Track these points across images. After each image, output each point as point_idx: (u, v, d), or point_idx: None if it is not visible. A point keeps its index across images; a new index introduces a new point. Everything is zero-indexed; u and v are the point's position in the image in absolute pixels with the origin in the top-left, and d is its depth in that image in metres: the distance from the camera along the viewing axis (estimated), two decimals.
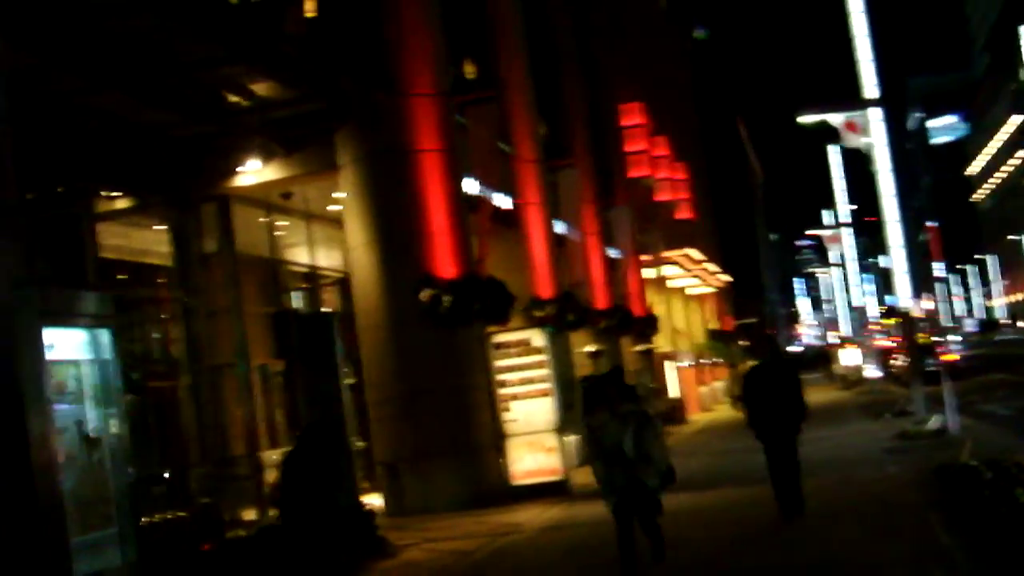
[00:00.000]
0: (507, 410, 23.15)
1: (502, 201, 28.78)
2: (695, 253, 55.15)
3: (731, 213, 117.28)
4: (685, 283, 60.69)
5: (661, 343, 51.05)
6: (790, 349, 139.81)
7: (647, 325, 45.99)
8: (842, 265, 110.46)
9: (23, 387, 11.03)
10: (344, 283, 26.87)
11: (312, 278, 28.55)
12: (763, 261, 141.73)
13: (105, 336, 13.15)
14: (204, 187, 24.26)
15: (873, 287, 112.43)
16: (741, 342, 76.96)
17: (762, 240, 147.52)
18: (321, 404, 17.83)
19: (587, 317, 31.83)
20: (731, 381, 61.23)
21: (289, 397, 25.89)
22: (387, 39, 23.02)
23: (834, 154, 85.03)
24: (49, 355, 11.73)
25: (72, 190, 22.15)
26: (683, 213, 64.13)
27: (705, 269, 61.24)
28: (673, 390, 47.30)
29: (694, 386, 54.34)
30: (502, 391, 23.20)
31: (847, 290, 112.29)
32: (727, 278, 75.31)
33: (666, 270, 52.62)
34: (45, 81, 18.24)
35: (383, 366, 23.01)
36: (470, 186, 25.72)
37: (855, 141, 29.02)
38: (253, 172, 23.82)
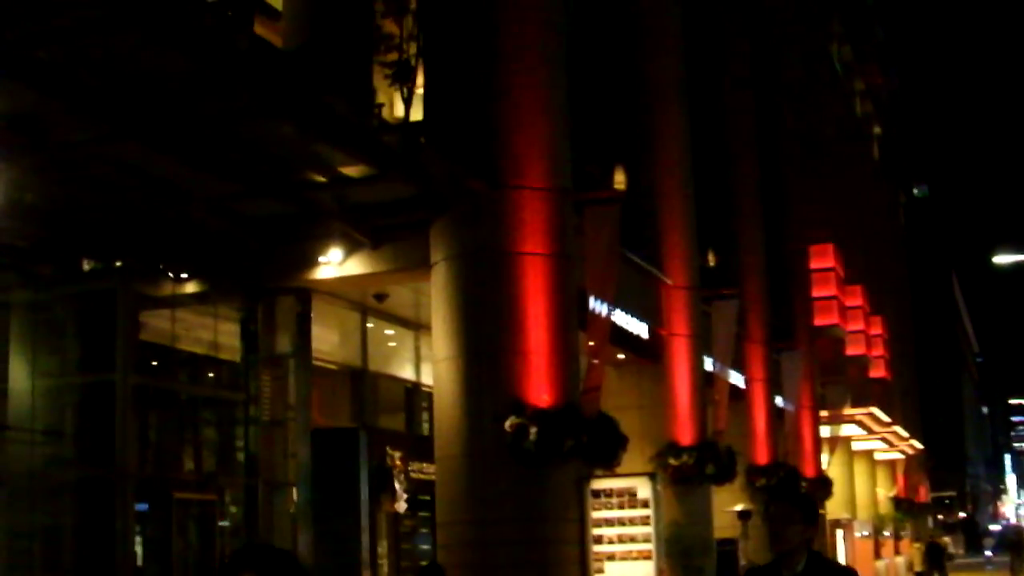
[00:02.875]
0: (600, 572, 19.12)
1: (635, 326, 25.04)
2: (881, 414, 50.24)
3: (937, 379, 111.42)
4: (871, 446, 55.60)
5: (835, 509, 46.26)
6: (991, 527, 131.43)
7: (819, 487, 41.35)
8: None
9: None
10: None
11: (413, 395, 25.13)
12: (969, 432, 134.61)
13: None
14: (279, 277, 21.07)
15: None
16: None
17: (970, 410, 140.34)
18: (332, 544, 14.12)
19: (729, 471, 27.61)
20: (915, 555, 56.02)
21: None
22: (493, 121, 19.55)
23: None
24: None
25: (116, 265, 19.26)
26: (877, 372, 59.44)
27: (895, 433, 56.09)
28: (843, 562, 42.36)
29: (870, 560, 49.18)
30: (596, 548, 19.19)
31: None
32: (918, 445, 69.58)
33: (848, 430, 47.79)
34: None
35: (455, 505, 19.19)
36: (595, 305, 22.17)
37: None
38: (335, 264, 20.54)
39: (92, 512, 18.34)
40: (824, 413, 43.89)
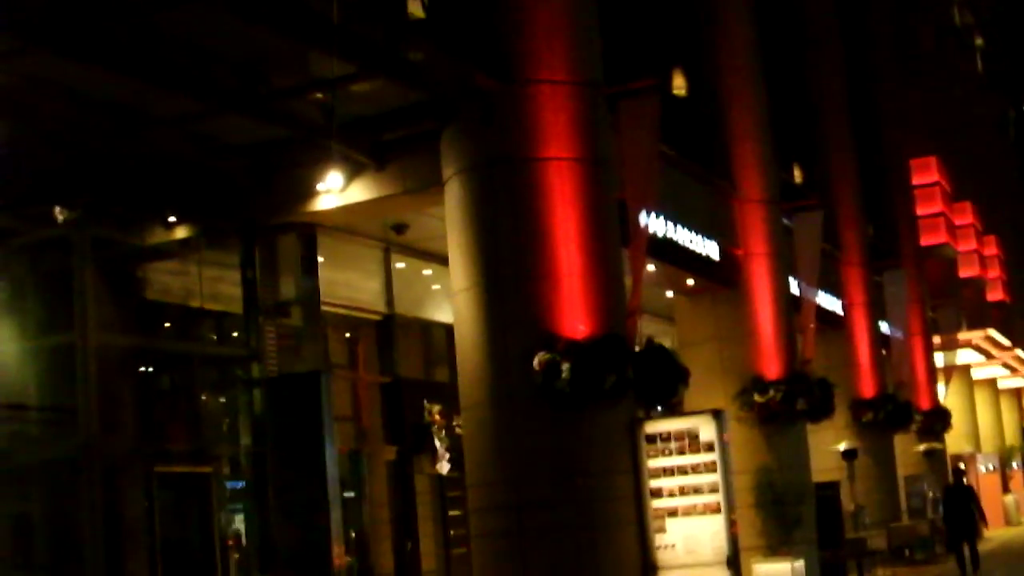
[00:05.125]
0: (661, 531, 16.00)
1: (704, 246, 21.85)
2: (1000, 336, 46.39)
3: None
4: (993, 373, 51.71)
5: (956, 442, 42.74)
6: None
7: (936, 420, 37.87)
8: None
9: None
10: None
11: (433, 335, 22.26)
12: None
13: None
14: (275, 212, 18.24)
15: None
16: None
17: None
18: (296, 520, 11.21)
19: (825, 406, 24.31)
20: None
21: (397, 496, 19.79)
22: (503, 4, 16.47)
23: None
24: None
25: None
26: (994, 294, 55.58)
27: (1017, 357, 52.13)
28: None
29: (997, 495, 45.47)
30: (655, 503, 16.08)
31: None
32: None
33: (966, 356, 44.00)
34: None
35: (484, 463, 16.20)
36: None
37: None
38: (337, 192, 17.67)
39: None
40: (937, 339, 40.23)
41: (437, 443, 20.17)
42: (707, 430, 15.93)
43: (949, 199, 45.83)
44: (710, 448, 15.92)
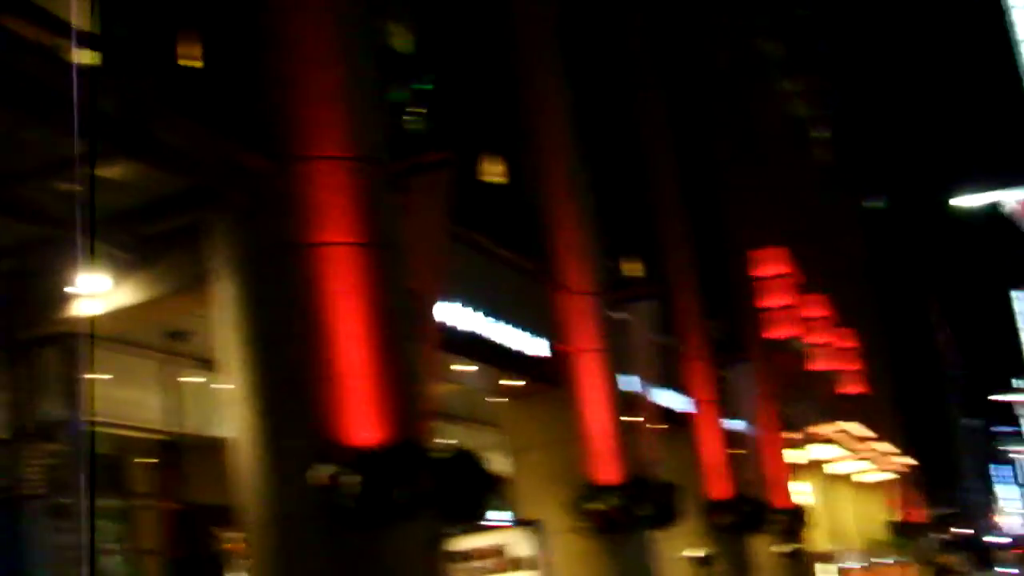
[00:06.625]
0: None
1: (528, 344, 20.15)
2: (857, 429, 45.16)
3: (919, 396, 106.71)
4: (851, 468, 50.44)
5: (817, 541, 41.23)
6: (988, 539, 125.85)
7: (793, 519, 36.32)
8: None
9: None
10: None
11: None
12: (958, 446, 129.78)
13: None
14: (34, 324, 16.13)
15: None
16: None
17: (957, 424, 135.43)
18: None
19: (669, 511, 22.57)
20: None
21: None
22: (270, 77, 14.68)
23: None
24: None
25: None
26: (853, 387, 54.70)
27: (875, 450, 50.96)
28: None
29: None
30: None
31: None
32: (909, 461, 64.38)
33: (821, 452, 42.59)
34: None
35: None
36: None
37: None
38: (99, 297, 15.55)
39: None
40: (790, 435, 38.78)
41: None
42: (520, 544, 14.02)
43: (800, 291, 44.68)
44: (527, 565, 14.01)
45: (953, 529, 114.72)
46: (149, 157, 13.80)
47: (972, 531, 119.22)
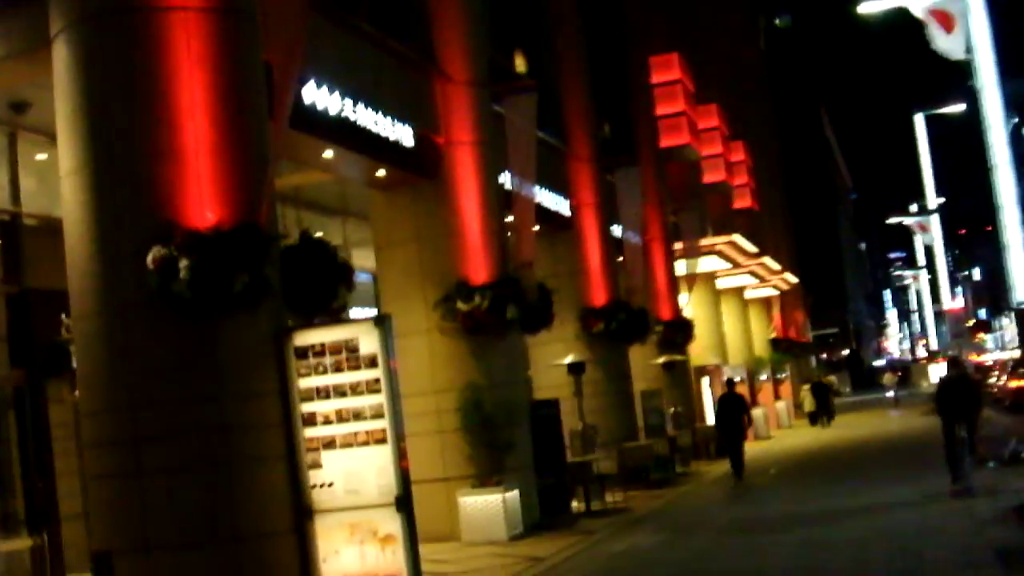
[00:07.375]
0: (317, 466, 13.13)
1: (394, 130, 18.95)
2: (745, 243, 44.64)
3: (811, 215, 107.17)
4: (740, 282, 50.08)
5: (702, 354, 40.88)
6: (876, 363, 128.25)
7: (677, 331, 35.80)
8: (929, 267, 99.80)
9: None
10: None
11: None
12: (848, 268, 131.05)
13: None
14: None
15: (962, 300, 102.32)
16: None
17: (847, 246, 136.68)
18: None
19: (543, 315, 21.78)
20: (805, 396, 51.23)
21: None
22: None
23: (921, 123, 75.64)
24: None
25: None
26: (741, 202, 54.14)
27: (763, 265, 50.62)
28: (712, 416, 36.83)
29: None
30: (308, 432, 13.18)
31: (936, 297, 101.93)
32: (792, 279, 64.35)
33: (710, 264, 41.97)
34: None
35: (96, 387, 13.09)
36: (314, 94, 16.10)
37: (945, 43, 19.17)
38: None
39: None
40: (679, 245, 38.07)
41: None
42: (369, 341, 13.03)
43: (693, 100, 43.62)
44: (373, 363, 13.03)
45: (836, 350, 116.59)
46: None
47: (850, 352, 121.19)
